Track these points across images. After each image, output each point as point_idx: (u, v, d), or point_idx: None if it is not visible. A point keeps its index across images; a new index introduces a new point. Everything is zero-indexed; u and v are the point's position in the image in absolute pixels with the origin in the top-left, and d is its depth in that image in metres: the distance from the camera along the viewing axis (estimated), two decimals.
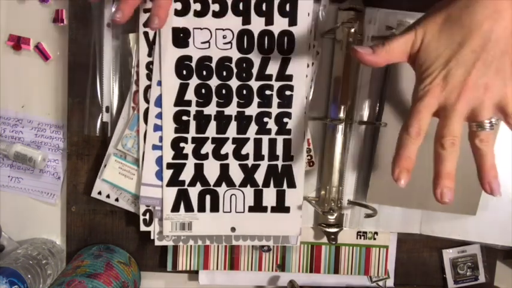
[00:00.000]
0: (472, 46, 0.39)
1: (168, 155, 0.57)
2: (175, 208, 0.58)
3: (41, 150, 0.61)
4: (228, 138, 0.57)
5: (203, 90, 0.56)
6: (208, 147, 0.57)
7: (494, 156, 0.42)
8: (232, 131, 0.57)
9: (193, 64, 0.55)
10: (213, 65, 0.56)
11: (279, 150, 0.57)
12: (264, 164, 0.58)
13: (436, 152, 0.41)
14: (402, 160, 0.42)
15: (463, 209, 0.59)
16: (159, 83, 0.56)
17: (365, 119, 0.59)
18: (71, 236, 0.62)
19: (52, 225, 0.63)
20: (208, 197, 0.58)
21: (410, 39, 0.42)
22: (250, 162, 0.58)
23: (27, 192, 0.63)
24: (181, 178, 0.57)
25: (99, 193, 0.59)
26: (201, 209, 0.58)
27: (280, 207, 0.58)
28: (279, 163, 0.58)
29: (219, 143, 0.57)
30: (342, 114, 0.57)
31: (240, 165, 0.58)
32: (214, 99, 0.56)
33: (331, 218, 0.59)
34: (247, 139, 0.57)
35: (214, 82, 0.56)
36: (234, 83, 0.56)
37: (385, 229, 0.62)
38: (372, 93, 0.58)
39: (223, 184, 0.58)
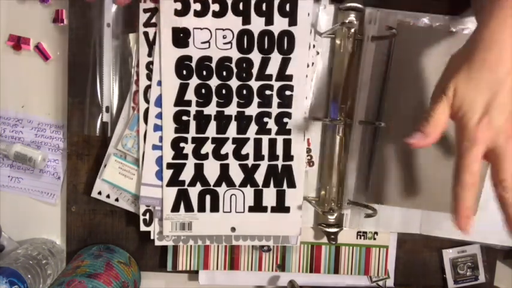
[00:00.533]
0: (507, 85, 0.39)
1: (168, 155, 0.57)
2: (175, 208, 0.58)
3: (41, 150, 0.61)
4: (228, 138, 0.57)
5: (203, 90, 0.56)
6: (208, 147, 0.57)
7: None
8: (232, 131, 0.57)
9: (193, 64, 0.55)
10: (213, 65, 0.56)
11: (279, 150, 0.57)
12: (264, 164, 0.58)
13: (501, 196, 0.41)
14: (464, 211, 0.41)
15: None
16: (159, 83, 0.56)
17: (365, 119, 0.59)
18: (71, 236, 0.62)
19: (52, 225, 0.63)
20: (208, 197, 0.58)
21: (445, 99, 0.42)
22: (250, 162, 0.58)
23: (27, 192, 0.62)
24: (181, 178, 0.57)
25: (99, 193, 0.59)
26: (201, 209, 0.58)
27: (280, 207, 0.58)
28: (279, 163, 0.58)
29: (219, 143, 0.57)
30: (342, 114, 0.57)
31: (240, 165, 0.58)
32: (214, 99, 0.56)
33: (331, 218, 0.59)
34: (247, 139, 0.57)
35: (214, 82, 0.56)
36: (234, 83, 0.56)
37: (385, 229, 0.62)
38: (372, 93, 0.58)
39: (223, 184, 0.58)
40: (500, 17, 0.40)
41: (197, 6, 0.54)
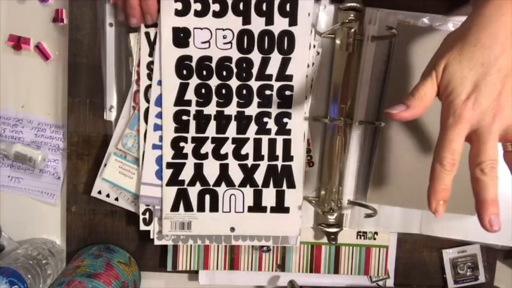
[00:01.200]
0: (498, 65, 0.39)
1: (168, 154, 0.57)
2: (174, 207, 0.58)
3: (41, 150, 0.61)
4: (227, 138, 0.57)
5: (203, 90, 0.56)
6: (208, 147, 0.57)
7: None
8: (232, 131, 0.57)
9: (193, 64, 0.56)
10: (213, 64, 0.56)
11: (279, 150, 0.57)
12: (263, 164, 0.58)
13: (476, 179, 0.39)
14: (438, 193, 0.41)
15: (463, 209, 0.59)
16: (160, 83, 0.56)
17: (365, 119, 0.59)
18: (71, 236, 0.62)
19: (52, 225, 0.63)
20: (207, 197, 0.58)
21: (434, 75, 0.42)
22: (249, 162, 0.58)
23: (27, 192, 0.62)
24: (181, 178, 0.57)
25: (99, 192, 0.59)
26: (201, 208, 0.58)
27: (280, 207, 0.58)
28: (279, 163, 0.58)
29: (218, 142, 0.57)
30: (342, 114, 0.57)
31: (239, 165, 0.58)
32: (214, 99, 0.56)
33: (331, 218, 0.59)
34: (247, 139, 0.57)
35: (214, 82, 0.56)
36: (234, 82, 0.56)
37: (385, 229, 0.62)
38: (372, 93, 0.58)
39: (223, 184, 0.58)
40: None
41: (197, 6, 0.55)
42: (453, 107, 0.40)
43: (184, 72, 0.56)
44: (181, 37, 0.55)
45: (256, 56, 0.56)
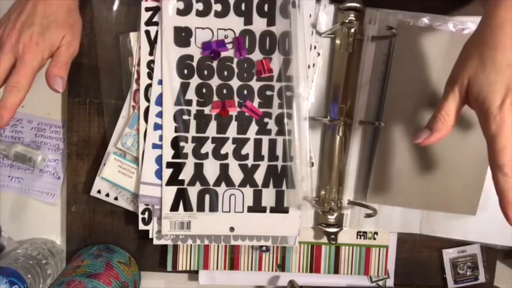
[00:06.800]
0: None
1: (168, 154, 0.57)
2: (174, 207, 0.57)
3: (41, 150, 0.61)
4: (228, 138, 0.57)
5: (204, 90, 0.56)
6: (208, 147, 0.57)
7: None
8: (232, 131, 0.57)
9: (194, 63, 0.56)
10: (214, 64, 0.56)
11: (279, 151, 0.57)
12: (263, 164, 0.58)
13: (500, 181, 0.39)
14: None
15: (463, 209, 0.59)
16: (160, 82, 0.56)
17: (365, 119, 0.59)
18: (71, 236, 0.62)
19: (52, 225, 0.63)
20: (207, 197, 0.58)
21: (457, 90, 0.41)
22: (250, 162, 0.58)
23: (27, 192, 0.62)
24: (180, 177, 0.57)
25: (99, 191, 0.59)
26: (200, 208, 0.58)
27: (279, 207, 0.58)
28: (279, 163, 0.58)
29: (219, 142, 0.57)
30: (342, 114, 0.57)
31: (239, 165, 0.58)
32: (215, 99, 0.56)
33: (331, 218, 0.59)
34: (247, 139, 0.57)
35: (215, 82, 0.56)
36: (235, 83, 0.56)
37: (385, 229, 0.62)
38: (372, 93, 0.58)
39: (223, 184, 0.58)
40: None
41: (199, 6, 0.55)
42: (491, 114, 0.38)
43: (186, 71, 0.56)
44: (182, 36, 0.55)
45: (257, 57, 0.56)
